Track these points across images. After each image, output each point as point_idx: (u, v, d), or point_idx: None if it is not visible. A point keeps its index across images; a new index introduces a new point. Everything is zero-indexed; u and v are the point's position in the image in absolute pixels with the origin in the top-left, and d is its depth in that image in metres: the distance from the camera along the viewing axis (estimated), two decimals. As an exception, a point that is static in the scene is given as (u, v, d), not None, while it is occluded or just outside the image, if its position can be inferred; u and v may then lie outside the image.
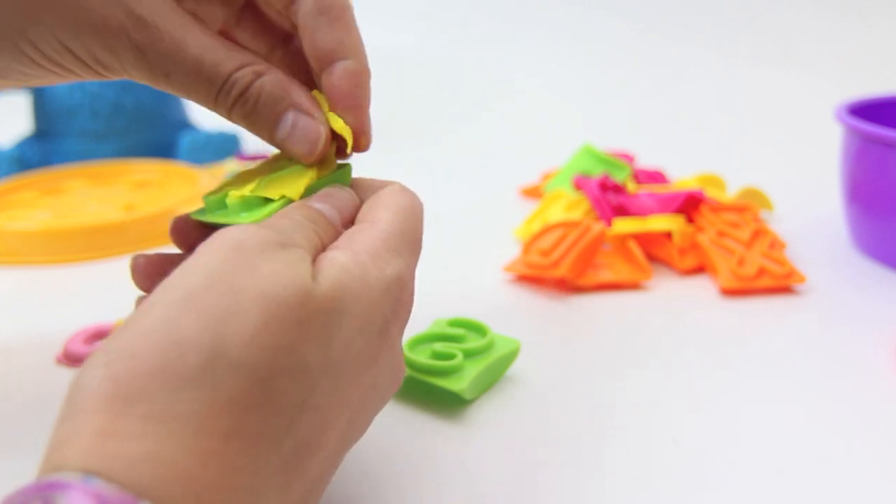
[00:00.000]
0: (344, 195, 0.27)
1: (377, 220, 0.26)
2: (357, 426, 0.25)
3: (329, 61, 0.29)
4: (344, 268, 0.23)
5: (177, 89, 0.28)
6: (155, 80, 0.28)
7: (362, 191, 0.28)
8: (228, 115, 0.28)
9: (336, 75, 0.28)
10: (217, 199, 0.28)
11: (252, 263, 0.21)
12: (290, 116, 0.28)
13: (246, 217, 0.26)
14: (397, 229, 0.25)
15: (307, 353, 0.21)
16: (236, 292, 0.20)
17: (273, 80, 0.28)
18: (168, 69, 0.27)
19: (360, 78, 0.29)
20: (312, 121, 0.28)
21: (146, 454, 0.18)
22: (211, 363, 0.19)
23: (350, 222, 0.27)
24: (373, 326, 0.24)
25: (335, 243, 0.25)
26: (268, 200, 0.27)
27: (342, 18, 0.29)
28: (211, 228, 0.25)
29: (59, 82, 0.30)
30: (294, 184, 0.27)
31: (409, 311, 0.27)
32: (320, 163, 0.29)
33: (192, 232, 0.28)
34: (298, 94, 0.28)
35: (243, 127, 0.28)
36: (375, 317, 0.24)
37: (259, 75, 0.28)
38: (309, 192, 0.27)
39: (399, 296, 0.25)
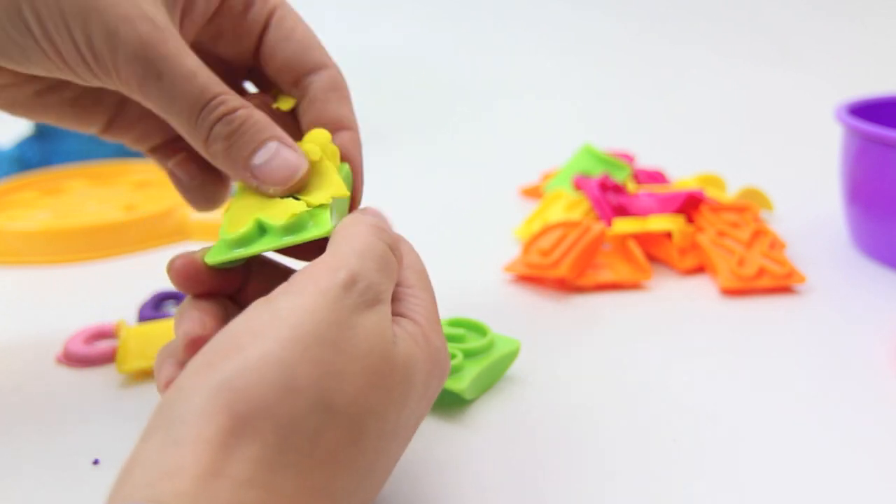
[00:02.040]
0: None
1: (415, 286, 0.27)
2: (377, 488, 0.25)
3: (335, 129, 0.31)
4: (415, 339, 0.24)
5: (160, 97, 0.27)
6: (144, 79, 0.27)
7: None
8: (206, 134, 0.28)
9: (343, 141, 0.31)
10: (247, 232, 0.27)
11: (353, 322, 0.22)
12: (272, 145, 0.28)
13: (313, 230, 0.26)
14: (432, 297, 0.27)
15: (388, 416, 0.22)
16: (340, 351, 0.21)
17: (260, 113, 0.28)
18: (162, 70, 0.27)
19: (360, 147, 0.32)
20: (295, 153, 0.28)
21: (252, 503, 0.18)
22: (317, 414, 0.20)
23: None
24: (427, 394, 0.25)
25: (396, 308, 0.26)
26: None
27: (347, 97, 0.32)
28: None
29: (48, 70, 0.28)
30: (329, 182, 0.28)
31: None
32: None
33: (206, 276, 0.27)
34: (282, 131, 0.29)
35: (213, 151, 0.28)
36: (430, 386, 0.25)
37: (245, 105, 0.28)
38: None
39: (445, 366, 0.26)
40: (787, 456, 0.31)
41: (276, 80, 0.32)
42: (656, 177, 0.61)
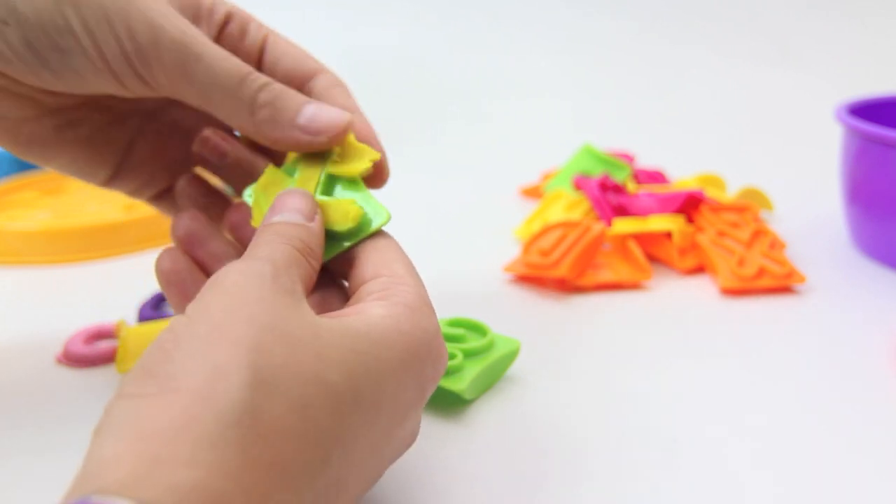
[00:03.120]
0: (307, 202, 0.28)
1: (403, 275, 0.27)
2: (374, 474, 0.25)
3: None
4: (396, 320, 0.24)
5: (204, 76, 0.29)
6: (186, 63, 0.28)
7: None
8: (251, 101, 0.29)
9: (358, 127, 0.33)
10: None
11: (268, 298, 0.22)
12: (312, 106, 0.30)
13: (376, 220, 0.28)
14: (422, 286, 0.27)
15: (338, 388, 0.22)
16: (264, 327, 0.21)
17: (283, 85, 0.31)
18: (201, 52, 0.29)
19: (373, 130, 0.33)
20: (335, 108, 0.30)
21: (195, 483, 0.18)
22: (251, 389, 0.20)
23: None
24: (415, 380, 0.24)
25: (377, 293, 0.26)
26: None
27: (349, 92, 0.34)
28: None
29: (83, 77, 0.29)
30: (360, 152, 0.30)
31: (443, 373, 0.27)
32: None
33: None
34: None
35: (260, 117, 0.30)
36: (421, 371, 0.25)
37: (269, 79, 0.30)
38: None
39: (439, 350, 0.26)
40: (787, 456, 0.31)
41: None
42: (656, 177, 0.61)
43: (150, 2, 0.29)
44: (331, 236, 0.28)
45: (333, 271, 0.29)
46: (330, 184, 0.30)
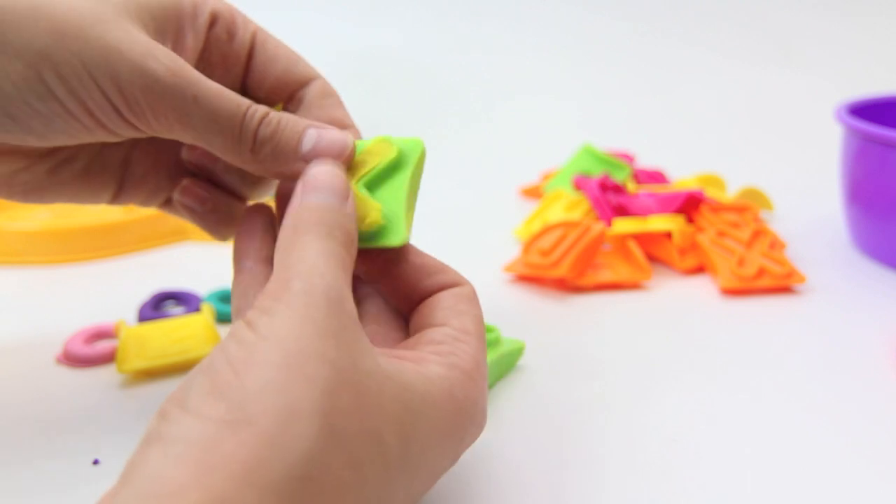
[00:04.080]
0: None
1: (469, 333, 0.27)
2: None
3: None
4: (450, 382, 0.24)
5: (202, 119, 0.27)
6: (183, 106, 0.27)
7: (424, 270, 0.29)
8: (252, 140, 0.28)
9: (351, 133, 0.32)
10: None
11: (340, 338, 0.22)
12: (312, 131, 0.28)
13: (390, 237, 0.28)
14: (483, 346, 0.27)
15: (388, 441, 0.22)
16: (336, 368, 0.21)
17: (283, 113, 0.29)
18: (197, 93, 0.27)
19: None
20: (337, 130, 0.29)
21: None
22: (320, 439, 0.20)
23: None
24: (455, 447, 0.25)
25: (439, 347, 0.26)
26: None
27: (341, 102, 0.33)
28: None
29: (70, 134, 0.28)
30: (374, 152, 0.29)
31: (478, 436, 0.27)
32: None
33: None
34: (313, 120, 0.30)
35: (262, 155, 0.28)
36: (462, 438, 0.25)
37: (268, 111, 0.29)
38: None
39: (482, 423, 0.26)
40: (787, 455, 0.31)
41: (270, 98, 0.33)
42: (656, 177, 0.61)
43: (132, 40, 0.27)
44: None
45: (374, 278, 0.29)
46: (376, 181, 0.29)
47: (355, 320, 0.23)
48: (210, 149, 0.28)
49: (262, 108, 0.28)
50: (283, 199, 0.31)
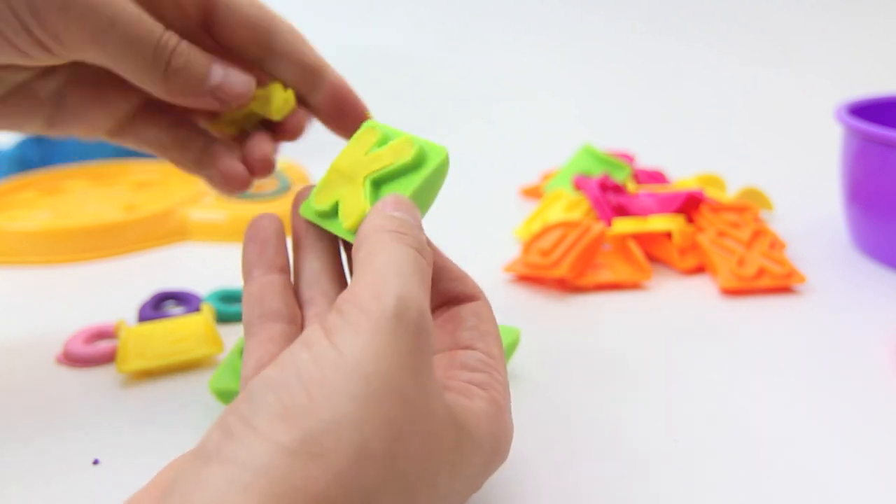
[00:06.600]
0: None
1: (498, 359, 0.27)
2: None
3: (316, 74, 0.34)
4: (489, 418, 0.24)
5: (117, 44, 0.28)
6: (99, 30, 0.27)
7: (443, 274, 0.29)
8: (164, 69, 0.29)
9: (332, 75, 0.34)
10: (326, 209, 0.28)
11: (416, 368, 0.22)
12: (218, 67, 0.30)
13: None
14: (505, 371, 0.27)
15: (440, 481, 0.22)
16: (409, 406, 0.21)
17: (190, 44, 0.30)
18: (113, 17, 0.27)
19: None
20: (240, 72, 0.31)
21: None
22: (386, 483, 0.20)
23: None
24: (481, 476, 0.25)
25: (474, 377, 0.26)
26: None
27: (313, 49, 0.34)
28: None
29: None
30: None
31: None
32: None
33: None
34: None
35: (173, 85, 0.29)
36: (486, 470, 0.25)
37: (179, 40, 0.30)
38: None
39: (506, 456, 0.26)
40: (787, 455, 0.31)
41: (239, 45, 0.32)
42: (656, 177, 0.61)
43: None
44: (333, 218, 0.28)
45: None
46: (386, 178, 0.29)
47: (432, 342, 0.23)
48: (123, 74, 0.29)
49: (175, 37, 0.29)
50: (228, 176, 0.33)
